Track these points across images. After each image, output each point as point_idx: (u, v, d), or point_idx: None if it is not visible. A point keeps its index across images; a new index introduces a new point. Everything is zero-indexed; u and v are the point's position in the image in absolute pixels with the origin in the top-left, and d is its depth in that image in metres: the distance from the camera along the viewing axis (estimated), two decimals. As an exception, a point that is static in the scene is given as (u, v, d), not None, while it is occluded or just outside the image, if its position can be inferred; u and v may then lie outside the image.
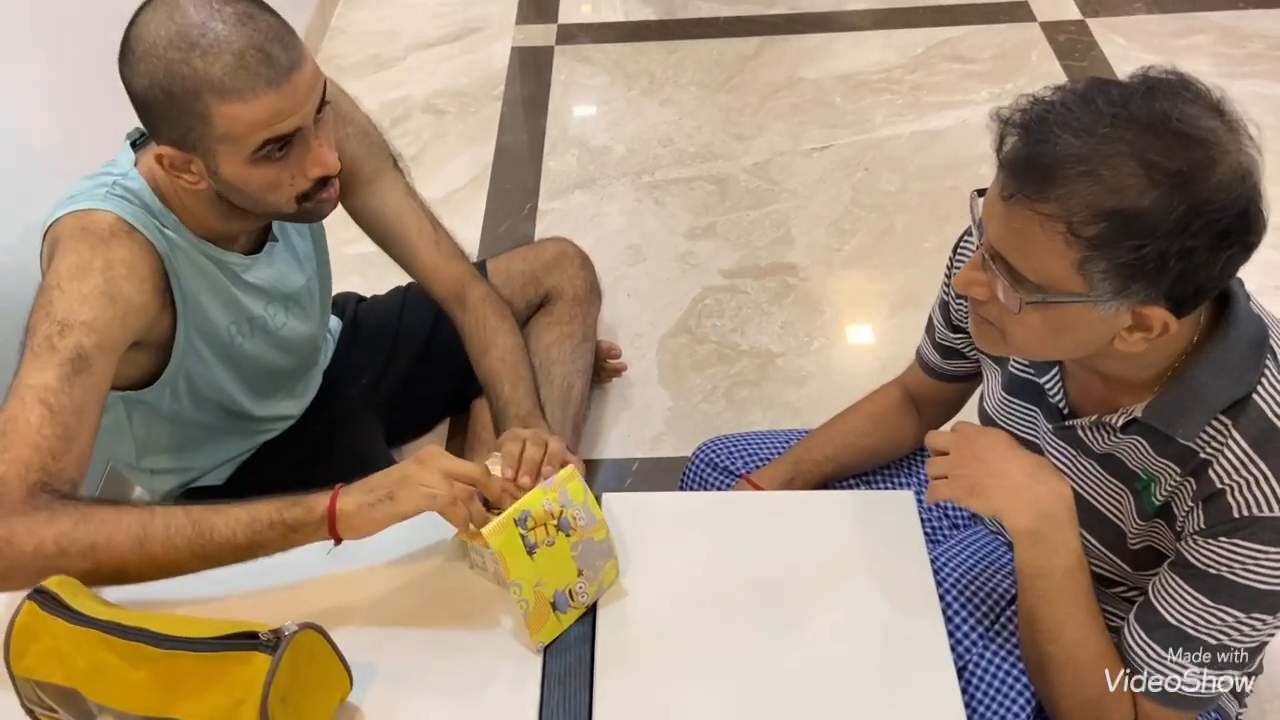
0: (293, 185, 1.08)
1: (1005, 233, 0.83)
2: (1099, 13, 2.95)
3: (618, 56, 2.93)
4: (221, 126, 1.01)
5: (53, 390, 0.98)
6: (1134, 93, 0.79)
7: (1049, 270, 0.81)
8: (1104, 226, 0.77)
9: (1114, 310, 0.82)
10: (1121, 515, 1.01)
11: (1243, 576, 0.87)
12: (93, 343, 1.01)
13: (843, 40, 2.93)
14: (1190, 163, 0.76)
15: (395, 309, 1.69)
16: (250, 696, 0.82)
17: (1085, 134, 0.78)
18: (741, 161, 2.54)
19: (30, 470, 0.95)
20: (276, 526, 0.95)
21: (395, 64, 2.93)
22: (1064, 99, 0.80)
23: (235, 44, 0.98)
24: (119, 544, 0.93)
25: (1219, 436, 0.88)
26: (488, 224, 2.39)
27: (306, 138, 1.05)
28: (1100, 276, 0.80)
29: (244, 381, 1.35)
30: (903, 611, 1.00)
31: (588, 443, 1.90)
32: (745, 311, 2.17)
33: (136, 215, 1.10)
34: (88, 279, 1.03)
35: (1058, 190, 0.78)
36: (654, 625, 1.00)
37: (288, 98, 1.00)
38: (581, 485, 1.00)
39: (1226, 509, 0.87)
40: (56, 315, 1.01)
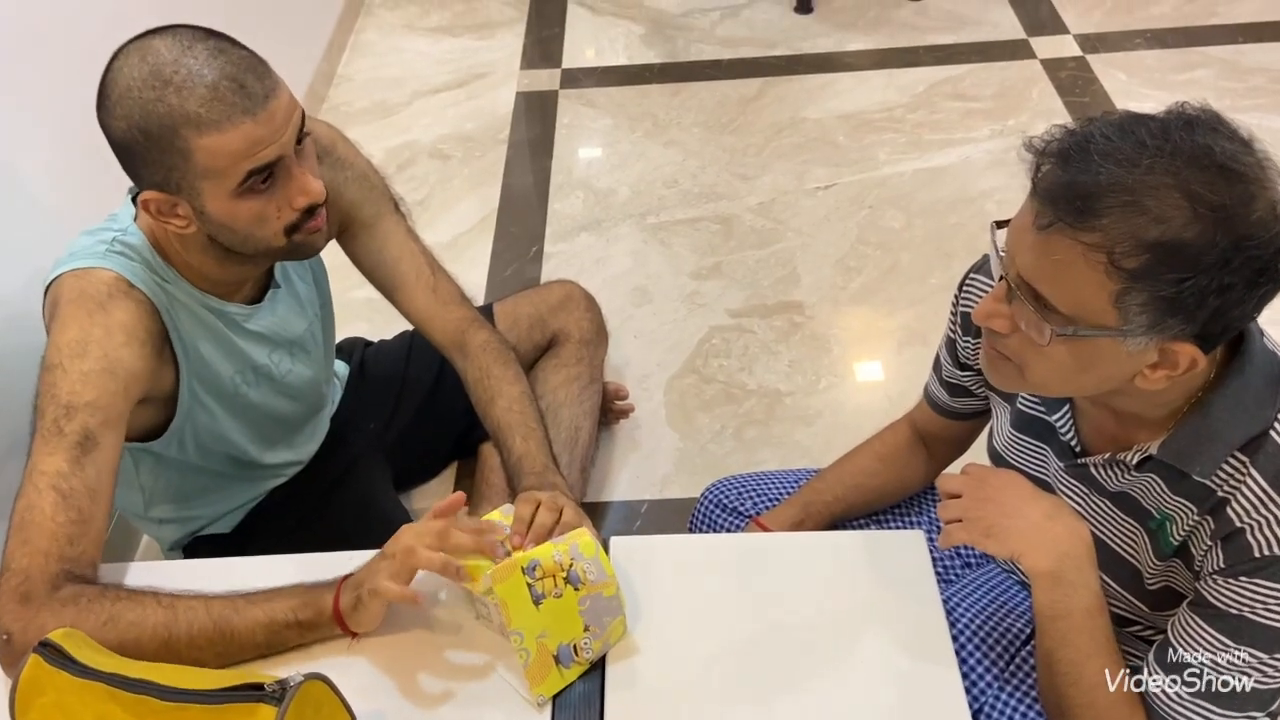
0: (279, 218, 1.07)
1: (1040, 262, 0.81)
2: (1099, 49, 2.97)
3: (621, 100, 2.96)
4: (203, 161, 1.01)
5: (64, 475, 1.00)
6: (1173, 125, 0.79)
7: (1084, 301, 0.80)
8: (1147, 258, 0.76)
9: (1143, 345, 0.81)
10: (1137, 555, 0.99)
11: (1264, 616, 0.86)
12: (98, 421, 1.02)
13: (844, 80, 2.95)
14: (1233, 197, 0.76)
15: (402, 354, 1.70)
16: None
17: (1129, 164, 0.77)
18: (746, 201, 2.55)
19: (50, 560, 0.97)
20: (293, 628, 0.99)
21: (401, 110, 2.96)
22: (1103, 130, 0.80)
23: (208, 77, 0.98)
24: (145, 644, 0.96)
25: (1236, 474, 0.87)
26: (494, 267, 2.40)
27: (289, 166, 1.05)
28: (1137, 310, 0.78)
29: (250, 430, 1.34)
30: (916, 655, 0.99)
31: (596, 485, 1.89)
32: (752, 351, 2.16)
33: (135, 271, 1.11)
34: (88, 355, 1.04)
35: (1101, 220, 0.77)
36: (663, 682, 0.98)
37: (264, 126, 1.00)
38: (593, 541, 0.99)
39: (1247, 548, 0.86)
40: (61, 399, 1.02)
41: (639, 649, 1.00)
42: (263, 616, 0.98)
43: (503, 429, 1.28)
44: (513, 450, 1.25)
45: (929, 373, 1.24)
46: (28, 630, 0.94)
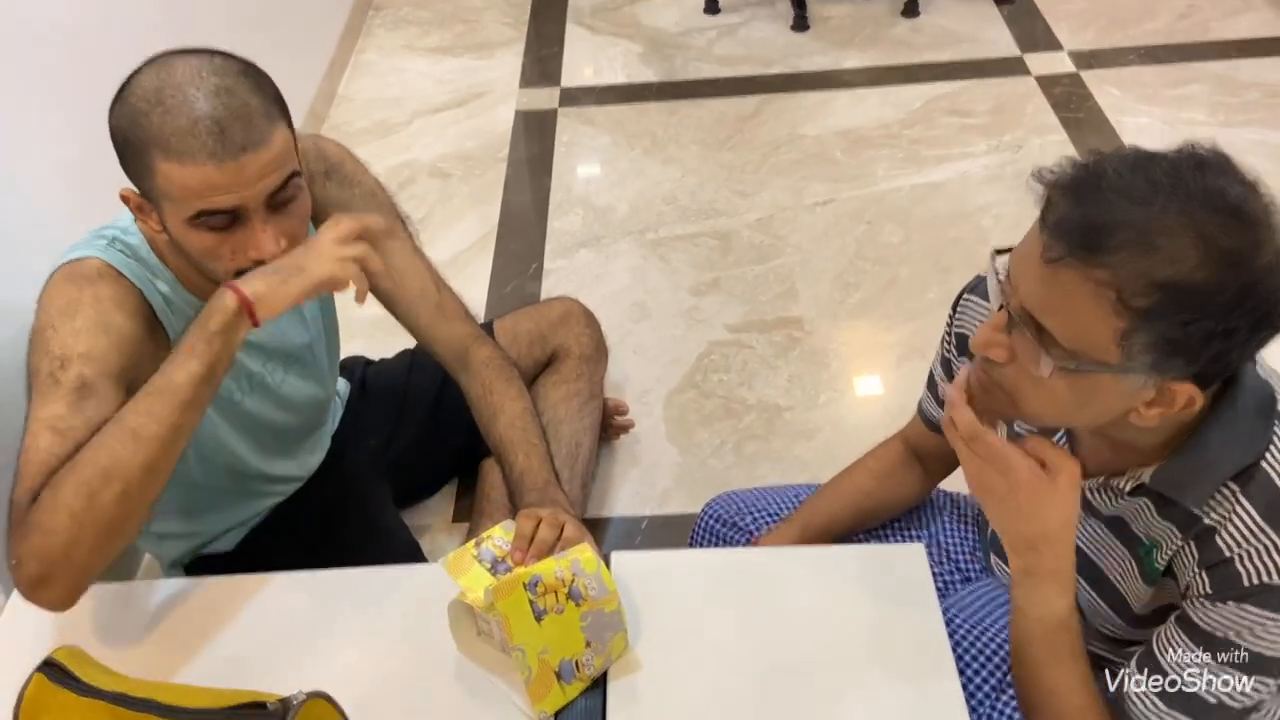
0: (231, 260, 1.07)
1: (1046, 295, 0.80)
2: (1093, 65, 2.99)
3: (620, 117, 2.98)
4: (161, 184, 1.02)
5: (61, 416, 1.00)
6: (1184, 166, 0.78)
7: (1088, 337, 0.79)
8: (1156, 298, 0.76)
9: (1142, 384, 0.81)
10: (1125, 579, 1.00)
11: (1249, 641, 0.86)
12: (93, 370, 1.03)
13: (841, 98, 2.97)
14: (1244, 241, 0.75)
15: (403, 372, 1.70)
16: None
17: (1143, 202, 0.76)
18: (744, 217, 2.56)
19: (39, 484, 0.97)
20: (214, 340, 1.01)
21: (401, 129, 2.98)
22: (1115, 166, 0.79)
23: (196, 111, 0.99)
24: (119, 452, 0.97)
25: (1226, 503, 0.87)
26: (494, 284, 2.41)
27: (249, 219, 1.04)
28: (1141, 349, 0.78)
29: (248, 439, 1.35)
30: (918, 668, 0.99)
31: (596, 501, 1.89)
32: (752, 366, 2.17)
33: (129, 266, 1.12)
34: (78, 314, 1.06)
35: (1113, 256, 0.76)
36: (666, 697, 0.98)
37: (228, 175, 1.00)
38: (595, 556, 0.99)
39: (1236, 576, 0.86)
40: (55, 352, 1.04)
41: (641, 665, 1.00)
42: (185, 352, 1.01)
43: (505, 445, 1.28)
44: (515, 466, 1.25)
45: (923, 389, 1.24)
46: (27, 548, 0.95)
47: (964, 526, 1.34)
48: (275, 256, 1.06)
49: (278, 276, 1.02)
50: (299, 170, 1.08)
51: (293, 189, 1.07)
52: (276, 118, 1.04)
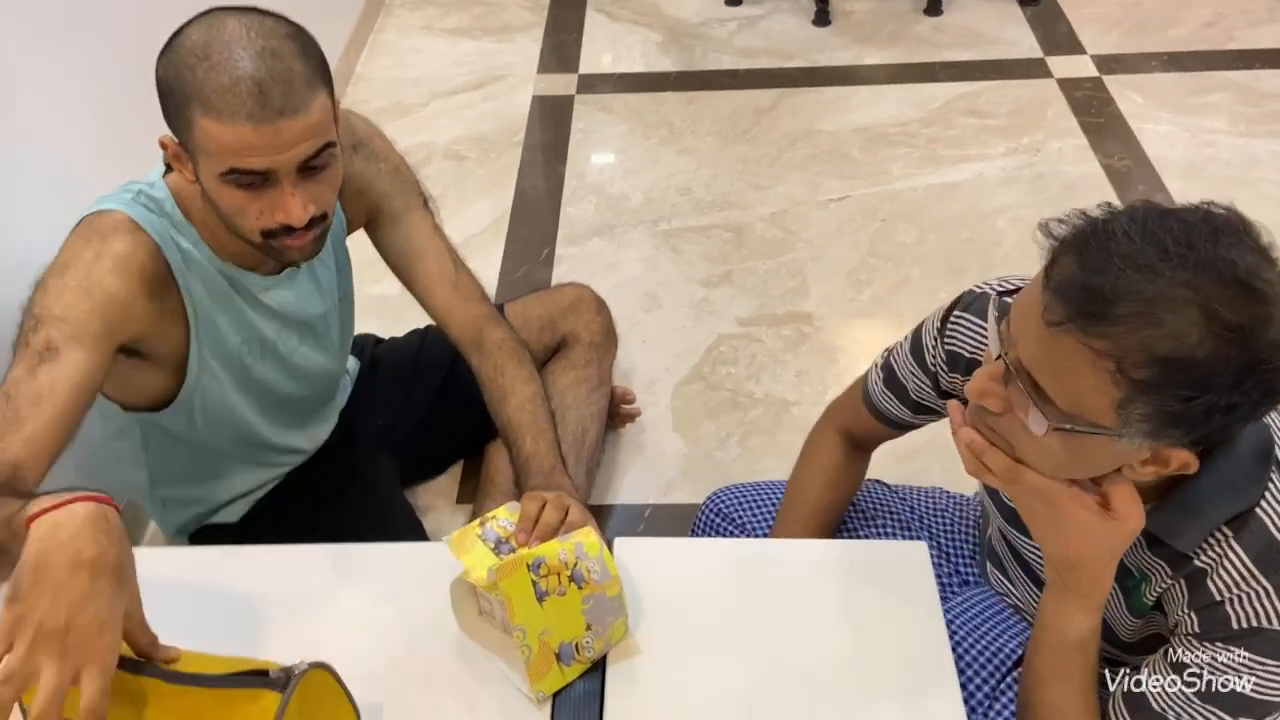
0: (259, 219, 1.08)
1: (1044, 356, 0.79)
2: (1115, 70, 2.98)
3: (637, 106, 2.97)
4: (198, 138, 1.03)
5: (16, 380, 1.01)
6: (1197, 231, 0.75)
7: (1084, 402, 0.78)
8: (1155, 371, 0.74)
9: (1137, 446, 0.80)
10: (1110, 609, 0.99)
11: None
12: (62, 335, 1.03)
13: (860, 94, 2.96)
14: (1251, 318, 0.73)
15: (413, 351, 1.71)
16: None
17: (1150, 272, 0.73)
18: (758, 211, 2.56)
19: None
20: (5, 529, 0.84)
21: (418, 110, 2.98)
22: (1125, 227, 0.76)
23: (239, 71, 1.00)
24: None
25: (1218, 547, 0.87)
26: (505, 268, 2.41)
27: (279, 182, 1.06)
28: (1138, 418, 0.76)
29: (257, 406, 1.35)
30: (917, 665, 0.99)
31: (600, 488, 1.89)
32: (760, 359, 2.17)
33: (151, 221, 1.13)
34: (68, 273, 1.07)
35: (1114, 327, 0.74)
36: (664, 683, 0.98)
37: (264, 138, 1.01)
38: (598, 541, 1.00)
39: (1225, 619, 0.86)
40: (35, 310, 1.05)
41: (640, 650, 1.00)
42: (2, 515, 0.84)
43: (513, 428, 1.28)
44: (522, 449, 1.25)
45: (875, 385, 1.20)
46: None
47: (964, 529, 1.34)
48: (302, 222, 1.08)
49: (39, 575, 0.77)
50: (335, 141, 1.08)
51: (326, 158, 1.08)
52: (318, 85, 1.05)
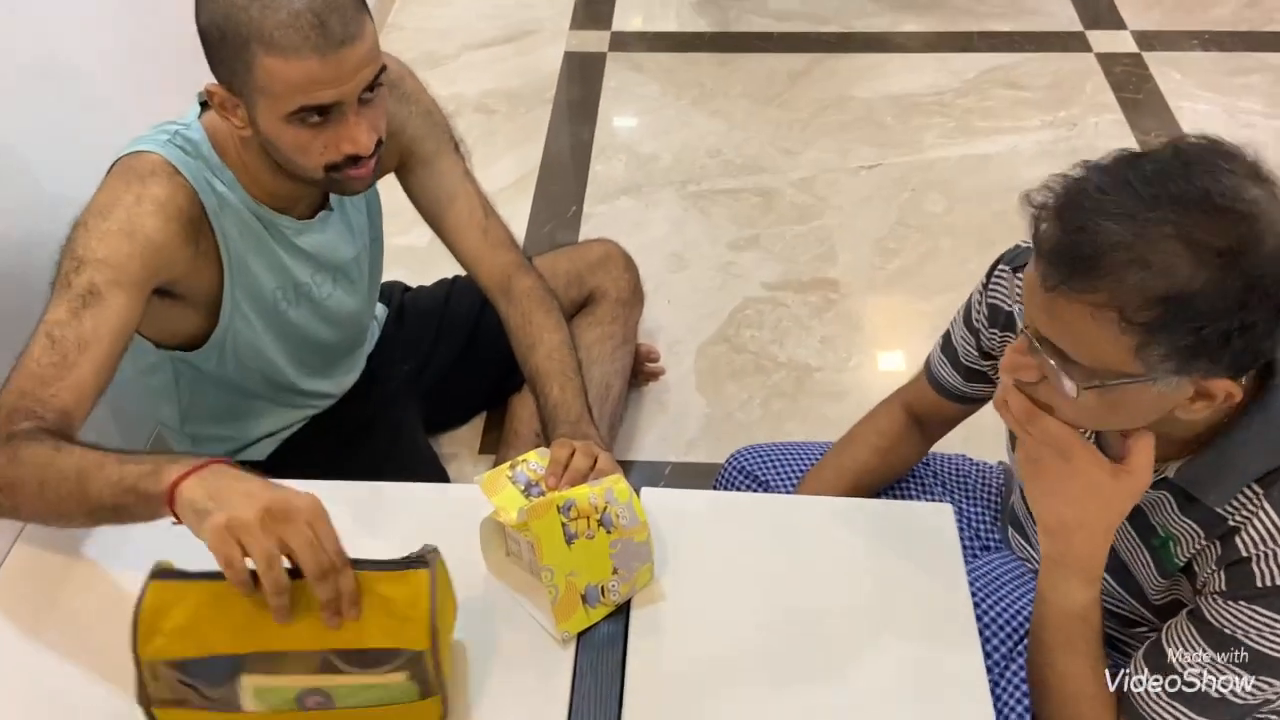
0: (323, 154, 1.09)
1: (1054, 322, 0.80)
2: (1155, 47, 2.93)
3: (669, 66, 2.95)
4: (261, 79, 1.02)
5: (60, 323, 1.02)
6: (1169, 170, 0.76)
7: (1104, 356, 0.78)
8: (1158, 312, 0.74)
9: (1175, 385, 0.79)
10: (1140, 567, 1.00)
11: (1256, 641, 0.86)
12: (105, 278, 1.04)
13: (895, 61, 2.93)
14: (1238, 238, 0.73)
15: (441, 300, 1.71)
16: (414, 612, 0.83)
17: (1126, 219, 0.74)
18: (788, 176, 2.54)
19: (20, 397, 0.98)
20: (132, 494, 0.89)
21: (449, 62, 2.96)
22: (1097, 181, 0.77)
23: (295, 5, 0.99)
24: (26, 484, 0.93)
25: (1249, 505, 0.87)
26: (532, 225, 2.41)
27: (345, 113, 1.06)
28: (1160, 358, 0.77)
29: (288, 351, 1.36)
30: (938, 625, 1.00)
31: (622, 444, 1.90)
32: (785, 324, 2.16)
33: (187, 164, 1.13)
34: (111, 215, 1.06)
35: (1104, 279, 0.75)
36: (686, 630, 0.99)
37: (330, 68, 1.01)
38: (627, 487, 1.01)
39: (1250, 576, 0.86)
40: (76, 252, 1.05)
41: (665, 596, 1.01)
42: (115, 476, 0.90)
43: (541, 375, 1.29)
44: (549, 397, 1.26)
45: (934, 354, 1.21)
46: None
47: (987, 496, 1.34)
48: (369, 150, 1.09)
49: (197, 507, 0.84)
50: (385, 64, 1.09)
51: (380, 82, 1.08)
52: (364, 9, 1.05)
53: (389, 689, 0.84)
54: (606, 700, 0.94)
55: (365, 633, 0.83)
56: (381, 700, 0.84)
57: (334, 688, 0.83)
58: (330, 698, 0.84)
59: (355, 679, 0.83)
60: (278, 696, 0.83)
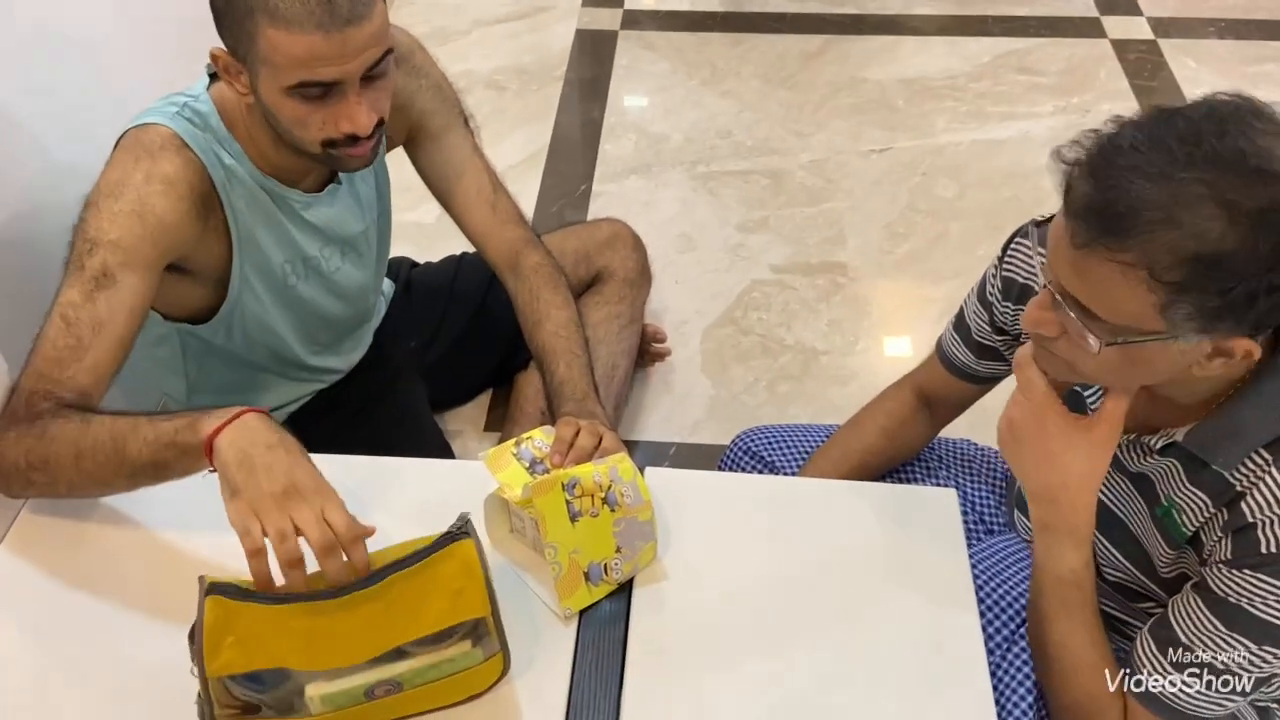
0: (321, 130, 1.08)
1: (1080, 278, 0.80)
2: (1170, 34, 2.91)
3: (681, 45, 2.93)
4: (264, 49, 1.02)
5: (74, 305, 1.03)
6: (1203, 128, 0.76)
7: (1129, 313, 0.79)
8: (1187, 271, 0.75)
9: (1195, 343, 0.80)
10: (1147, 538, 1.00)
11: (1261, 610, 0.86)
12: (118, 260, 1.05)
13: (908, 44, 2.91)
14: (1271, 200, 0.73)
15: (448, 276, 1.71)
16: (470, 581, 0.85)
17: (1160, 178, 0.74)
18: (799, 158, 2.53)
19: (39, 379, 1.01)
20: (172, 449, 0.92)
21: (460, 38, 2.95)
22: (1131, 139, 0.77)
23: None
24: (62, 458, 0.97)
25: (1257, 470, 0.87)
26: (541, 203, 2.40)
27: (345, 92, 1.06)
28: (1184, 317, 0.77)
29: (296, 325, 1.36)
30: (941, 612, 1.00)
31: (627, 424, 1.90)
32: (792, 307, 2.16)
33: (195, 137, 1.13)
34: (122, 196, 1.07)
35: (1136, 238, 0.75)
36: (689, 609, 1.00)
37: (333, 46, 1.01)
38: (632, 466, 1.01)
39: (1255, 543, 0.86)
40: (89, 233, 1.06)
41: (668, 575, 1.02)
42: (150, 435, 0.93)
43: (547, 353, 1.29)
44: (555, 374, 1.26)
45: (946, 332, 1.21)
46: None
47: (992, 479, 1.34)
48: (368, 130, 1.08)
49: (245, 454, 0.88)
50: (393, 46, 1.08)
51: (386, 64, 1.08)
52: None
53: (455, 660, 0.87)
54: (608, 677, 0.94)
55: (424, 619, 0.84)
56: (447, 673, 0.87)
57: (401, 675, 0.86)
58: (399, 684, 0.86)
59: (420, 660, 0.86)
60: (346, 698, 0.85)
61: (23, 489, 1.02)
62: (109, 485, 0.99)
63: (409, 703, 0.88)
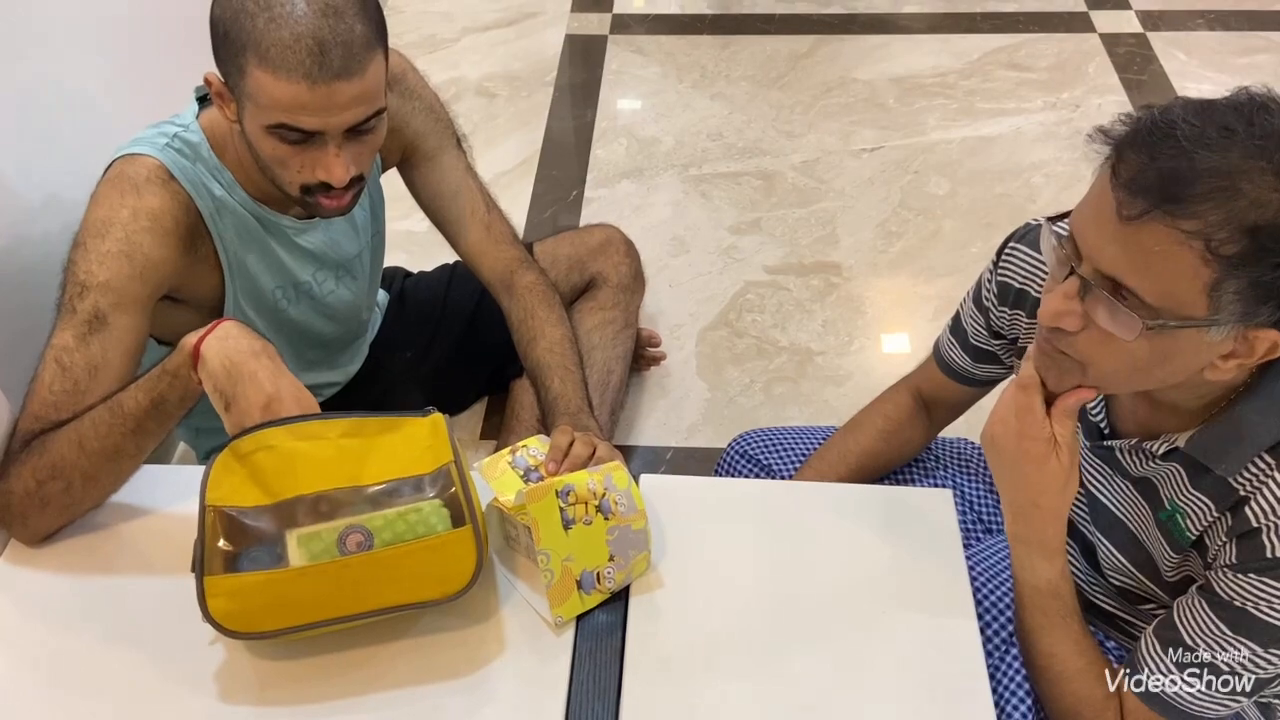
0: (299, 174, 1.08)
1: (1127, 255, 0.79)
2: (1160, 27, 2.91)
3: (671, 48, 2.93)
4: (250, 87, 1.02)
5: (68, 350, 1.04)
6: (1249, 110, 0.77)
7: (1175, 292, 0.78)
8: (1246, 244, 0.74)
9: (1225, 335, 0.80)
10: (1149, 540, 1.00)
11: (1266, 614, 0.87)
12: (109, 302, 1.05)
13: (898, 43, 2.91)
14: None
15: (442, 286, 1.71)
16: (437, 439, 0.95)
17: (1219, 148, 0.75)
18: (790, 159, 2.53)
19: (37, 423, 1.02)
20: (163, 377, 0.97)
21: (450, 45, 2.95)
22: (1184, 115, 0.77)
23: (300, 26, 0.98)
24: (66, 454, 0.99)
25: (1260, 475, 0.87)
26: (533, 208, 2.41)
27: (325, 143, 1.05)
28: (1231, 298, 0.77)
29: (289, 348, 1.36)
30: (937, 611, 1.00)
31: (623, 429, 1.90)
32: (786, 308, 2.16)
33: (184, 169, 1.13)
34: (108, 236, 1.07)
35: (1199, 205, 0.75)
36: (685, 617, 1.00)
37: (318, 98, 1.00)
38: (626, 475, 1.01)
39: (1260, 548, 0.86)
40: (79, 276, 1.06)
41: (663, 582, 1.02)
42: (142, 379, 0.98)
43: (541, 369, 1.29)
44: (550, 390, 1.26)
45: (943, 336, 1.21)
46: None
47: (988, 478, 1.34)
48: (343, 183, 1.08)
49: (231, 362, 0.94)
50: (385, 107, 1.08)
51: (374, 123, 1.07)
52: (376, 48, 1.04)
53: (422, 513, 0.91)
54: (605, 686, 0.94)
55: (395, 463, 0.93)
56: (418, 532, 0.90)
57: (370, 521, 0.91)
58: (369, 534, 0.90)
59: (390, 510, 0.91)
60: (320, 543, 0.89)
61: (39, 512, 1.02)
62: (119, 453, 1.00)
63: (381, 568, 0.90)
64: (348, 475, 0.92)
